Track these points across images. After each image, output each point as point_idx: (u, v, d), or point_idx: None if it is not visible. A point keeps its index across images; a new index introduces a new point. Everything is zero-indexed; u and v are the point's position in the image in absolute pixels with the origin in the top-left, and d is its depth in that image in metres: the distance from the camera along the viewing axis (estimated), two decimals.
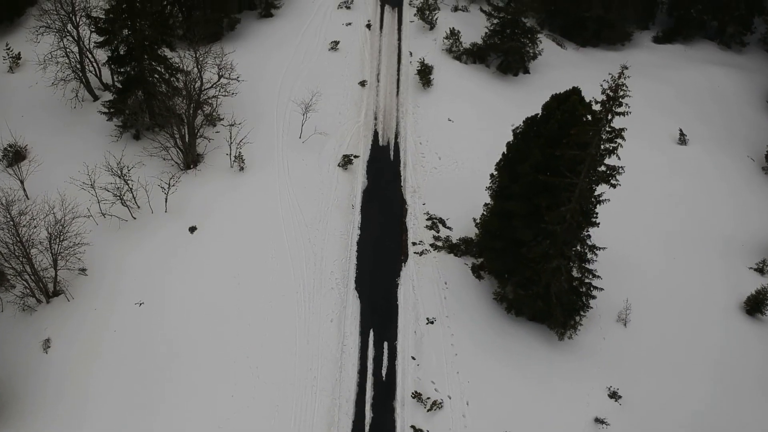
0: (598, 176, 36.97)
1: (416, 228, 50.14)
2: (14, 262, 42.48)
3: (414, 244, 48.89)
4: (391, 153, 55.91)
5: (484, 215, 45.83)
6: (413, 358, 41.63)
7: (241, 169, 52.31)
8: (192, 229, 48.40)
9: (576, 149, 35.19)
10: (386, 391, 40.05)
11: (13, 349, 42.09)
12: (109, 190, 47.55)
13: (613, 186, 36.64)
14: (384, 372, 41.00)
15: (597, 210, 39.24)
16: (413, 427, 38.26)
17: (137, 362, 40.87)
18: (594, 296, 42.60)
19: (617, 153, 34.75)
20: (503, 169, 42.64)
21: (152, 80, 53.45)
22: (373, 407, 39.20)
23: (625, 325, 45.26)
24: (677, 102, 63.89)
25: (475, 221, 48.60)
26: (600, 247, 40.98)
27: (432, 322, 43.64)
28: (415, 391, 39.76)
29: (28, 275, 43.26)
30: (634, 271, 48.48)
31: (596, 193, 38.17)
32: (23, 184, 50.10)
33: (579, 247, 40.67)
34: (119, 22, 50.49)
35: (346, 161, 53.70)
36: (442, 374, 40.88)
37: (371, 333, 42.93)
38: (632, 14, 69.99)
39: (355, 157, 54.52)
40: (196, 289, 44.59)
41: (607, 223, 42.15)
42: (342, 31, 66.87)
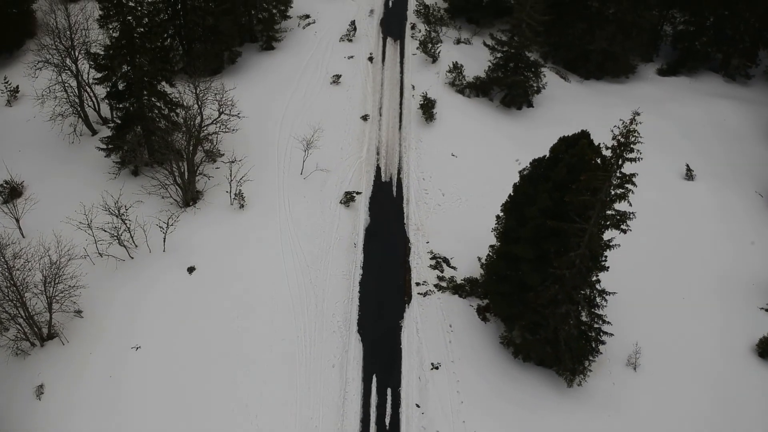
0: (607, 220, 35.96)
1: (420, 267, 49.07)
2: (8, 306, 41.34)
3: (418, 284, 47.80)
4: (394, 189, 55.00)
5: (490, 256, 44.79)
6: (417, 406, 40.35)
7: (242, 206, 51.38)
8: (190, 269, 47.36)
9: (586, 195, 34.24)
10: None
11: (5, 396, 40.89)
12: (107, 230, 46.55)
13: (624, 231, 35.63)
14: (387, 420, 39.69)
15: (606, 254, 38.21)
16: None
17: (133, 410, 39.60)
18: (604, 342, 41.42)
19: (628, 199, 33.71)
20: (509, 211, 41.65)
21: (151, 116, 52.70)
22: None
23: (635, 369, 43.97)
24: (683, 136, 63.04)
25: (480, 260, 47.60)
26: (610, 292, 39.86)
27: (437, 368, 42.43)
28: None
29: (22, 319, 42.15)
30: (643, 311, 47.24)
31: (606, 239, 37.11)
32: (19, 222, 49.20)
33: (588, 292, 39.57)
34: (118, 58, 49.81)
35: (348, 198, 52.78)
36: (447, 423, 39.52)
37: (374, 379, 41.71)
38: (636, 47, 69.34)
39: (357, 193, 53.62)
40: (193, 333, 43.45)
41: (615, 261, 41.06)
42: (344, 64, 66.28)
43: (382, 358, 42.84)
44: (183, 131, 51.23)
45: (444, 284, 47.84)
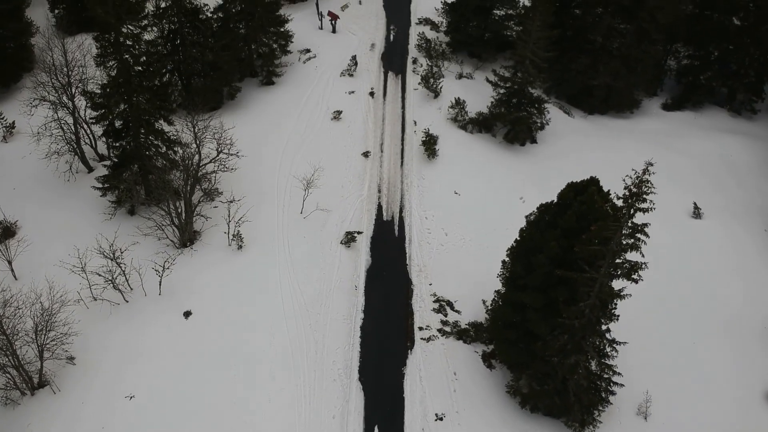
0: (618, 269, 34.77)
1: (423, 311, 47.74)
2: None
3: (421, 329, 46.45)
4: (396, 228, 53.83)
5: (496, 301, 43.50)
6: None
7: (240, 247, 50.17)
8: (186, 313, 46.05)
9: (596, 244, 33.09)
10: None
11: None
12: (101, 275, 45.27)
13: (635, 281, 34.41)
14: None
15: (617, 303, 36.95)
16: None
17: None
18: (614, 392, 40.02)
19: (641, 250, 32.54)
20: (516, 257, 40.44)
21: (149, 154, 51.68)
22: None
23: (645, 418, 42.51)
24: (689, 172, 61.96)
25: (485, 303, 46.35)
26: (620, 342, 38.53)
27: (441, 419, 40.91)
28: None
29: (13, 368, 40.74)
30: (653, 357, 45.85)
31: (617, 288, 35.88)
32: (11, 264, 47.98)
33: (598, 342, 38.24)
34: (115, 97, 48.88)
35: (349, 238, 51.59)
36: None
37: (376, 431, 40.22)
38: (640, 81, 68.58)
39: (359, 233, 52.43)
40: (189, 381, 42.02)
41: (623, 304, 39.66)
42: (345, 99, 65.38)
43: (384, 409, 41.33)
44: (181, 170, 50.25)
45: (448, 329, 46.48)
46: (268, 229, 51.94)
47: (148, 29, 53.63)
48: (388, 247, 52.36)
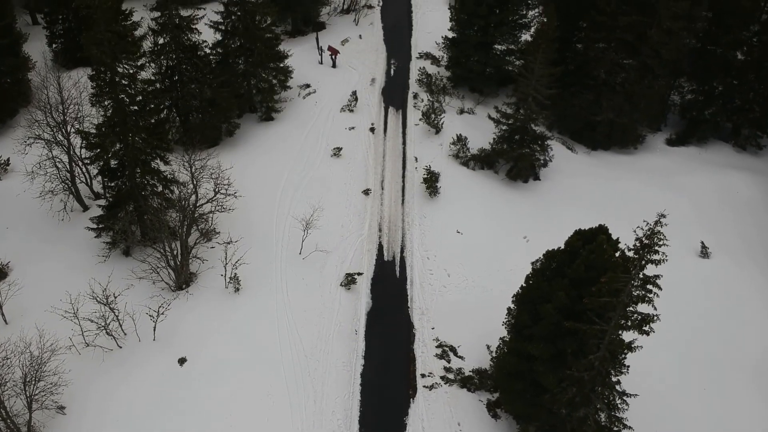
0: (628, 320, 33.43)
1: (425, 357, 46.33)
2: None
3: (423, 375, 45.02)
4: (397, 269, 52.58)
5: (501, 349, 42.12)
6: None
7: (237, 290, 48.85)
8: (181, 360, 44.63)
9: (606, 296, 31.84)
10: None
11: None
12: (94, 321, 43.91)
13: (647, 334, 33.04)
14: None
15: (627, 354, 35.57)
16: None
17: None
18: None
19: (653, 303, 31.26)
20: (522, 305, 39.13)
21: (144, 194, 50.55)
22: None
23: None
24: (695, 209, 60.77)
25: (489, 349, 45.08)
26: (631, 394, 37.09)
27: None
28: None
29: (0, 420, 39.25)
30: (662, 404, 44.34)
31: (628, 340, 34.53)
32: (2, 308, 46.65)
33: (607, 394, 36.80)
34: (111, 137, 47.84)
35: (349, 280, 50.31)
36: None
37: None
38: (643, 117, 67.65)
39: (359, 274, 51.16)
40: None
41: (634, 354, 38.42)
42: (345, 135, 64.47)
43: None
44: (177, 210, 49.11)
45: (451, 376, 45.04)
46: (266, 271, 50.64)
47: (146, 66, 52.70)
48: (390, 288, 51.14)
